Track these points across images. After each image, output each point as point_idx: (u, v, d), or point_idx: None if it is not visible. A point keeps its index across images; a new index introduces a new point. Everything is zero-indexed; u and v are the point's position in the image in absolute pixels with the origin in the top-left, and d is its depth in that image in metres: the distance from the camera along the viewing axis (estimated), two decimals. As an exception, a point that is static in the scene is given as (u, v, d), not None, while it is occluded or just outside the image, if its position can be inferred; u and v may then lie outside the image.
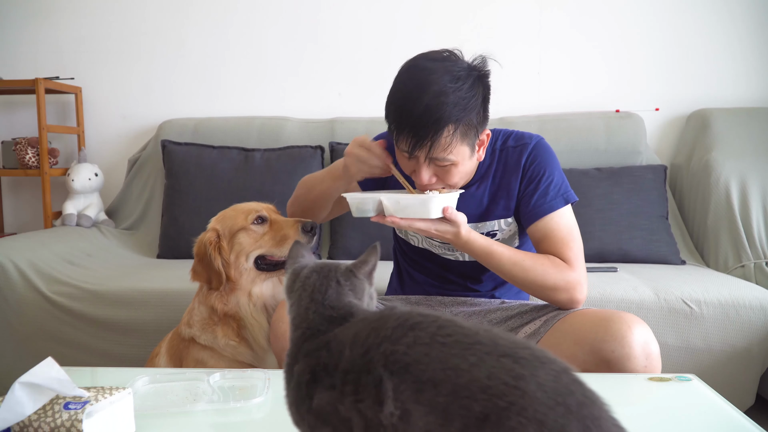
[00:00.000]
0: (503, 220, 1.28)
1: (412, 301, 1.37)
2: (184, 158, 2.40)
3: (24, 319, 1.86)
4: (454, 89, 1.08)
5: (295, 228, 1.28)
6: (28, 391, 0.69)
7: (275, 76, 2.68)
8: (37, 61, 2.72)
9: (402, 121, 1.10)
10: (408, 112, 1.08)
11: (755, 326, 1.67)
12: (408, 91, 1.10)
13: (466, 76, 1.10)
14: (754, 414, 1.63)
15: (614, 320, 1.06)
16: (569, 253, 1.19)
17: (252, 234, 1.29)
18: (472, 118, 1.11)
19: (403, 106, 1.10)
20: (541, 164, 1.25)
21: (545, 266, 1.17)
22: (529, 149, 1.26)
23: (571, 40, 2.58)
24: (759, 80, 2.53)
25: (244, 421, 0.86)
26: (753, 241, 2.14)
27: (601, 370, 1.05)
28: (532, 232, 1.24)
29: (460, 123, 1.09)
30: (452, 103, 1.07)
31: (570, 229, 1.22)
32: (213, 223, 1.33)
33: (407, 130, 1.09)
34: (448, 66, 1.10)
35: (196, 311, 1.31)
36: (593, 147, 2.37)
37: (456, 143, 1.10)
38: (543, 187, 1.23)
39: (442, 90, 1.07)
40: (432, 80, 1.08)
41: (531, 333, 1.20)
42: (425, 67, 1.11)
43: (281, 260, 1.30)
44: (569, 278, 1.17)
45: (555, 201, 1.22)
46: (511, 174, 1.26)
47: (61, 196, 2.62)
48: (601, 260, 2.16)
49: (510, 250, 1.18)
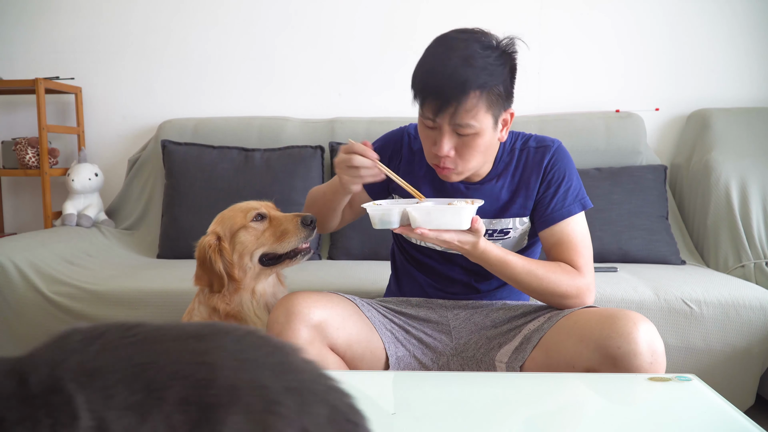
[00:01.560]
0: (518, 218, 1.28)
1: (413, 303, 1.36)
2: (184, 158, 2.40)
3: (24, 319, 1.86)
4: (483, 55, 1.09)
5: (294, 222, 1.28)
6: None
7: (275, 76, 2.68)
8: (37, 61, 2.72)
9: (428, 85, 1.11)
10: (435, 75, 1.09)
11: (755, 326, 1.67)
12: (436, 55, 1.12)
13: (496, 47, 1.13)
14: (754, 414, 1.63)
15: (620, 317, 1.07)
16: (581, 260, 1.21)
17: (252, 231, 1.29)
18: (498, 87, 1.12)
19: (431, 70, 1.11)
20: (562, 168, 1.26)
21: (557, 274, 1.18)
22: (552, 152, 1.27)
23: (571, 40, 2.58)
24: (759, 80, 2.53)
25: (244, 421, 0.86)
26: (753, 241, 2.14)
27: (606, 367, 1.05)
28: (547, 235, 1.25)
29: (486, 89, 1.10)
30: (480, 67, 1.08)
31: (583, 236, 1.25)
32: (212, 226, 1.32)
33: (433, 94, 1.10)
34: (478, 36, 1.13)
35: (197, 312, 1.31)
36: (593, 147, 2.37)
37: (481, 109, 1.10)
38: (562, 191, 1.25)
39: (471, 54, 1.08)
40: (461, 46, 1.10)
41: (534, 329, 1.21)
42: (455, 37, 1.13)
43: (282, 253, 1.30)
44: (580, 284, 1.19)
45: (573, 206, 1.24)
46: (531, 173, 1.27)
47: (61, 196, 2.62)
48: (601, 260, 2.16)
49: (523, 259, 1.19)
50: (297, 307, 1.12)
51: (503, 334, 1.26)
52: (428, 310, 1.34)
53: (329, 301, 1.17)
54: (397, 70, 2.62)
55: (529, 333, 1.21)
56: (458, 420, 0.87)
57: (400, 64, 2.63)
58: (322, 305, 1.14)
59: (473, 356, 1.26)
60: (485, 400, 0.96)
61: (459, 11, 2.59)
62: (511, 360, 1.20)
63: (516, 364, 1.18)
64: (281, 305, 1.14)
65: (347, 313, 1.19)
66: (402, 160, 1.36)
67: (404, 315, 1.33)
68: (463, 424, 0.86)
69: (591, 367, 1.08)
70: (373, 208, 1.10)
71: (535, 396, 0.99)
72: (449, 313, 1.33)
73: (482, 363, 1.25)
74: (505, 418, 0.89)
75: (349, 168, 1.16)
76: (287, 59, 2.67)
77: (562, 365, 1.12)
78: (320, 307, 1.14)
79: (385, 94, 2.61)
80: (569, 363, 1.10)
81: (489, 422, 0.87)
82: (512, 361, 1.19)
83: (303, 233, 1.27)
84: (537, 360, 1.16)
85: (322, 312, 1.13)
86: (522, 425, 0.87)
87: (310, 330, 1.11)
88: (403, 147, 1.36)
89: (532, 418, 0.90)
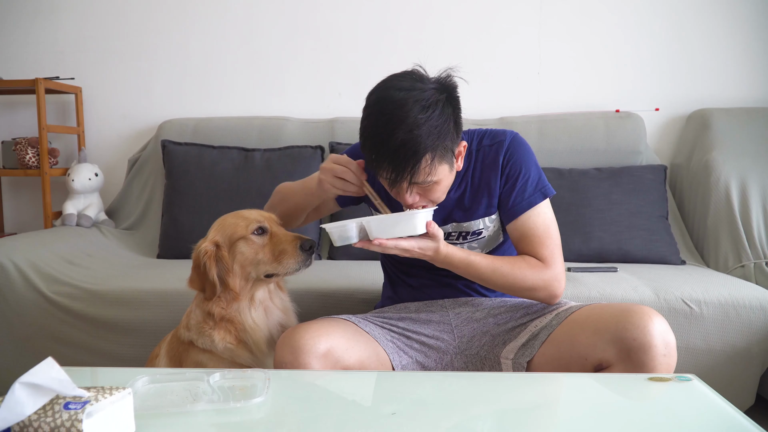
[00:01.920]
0: (487, 218, 1.31)
1: (411, 309, 1.37)
2: (184, 158, 2.40)
3: (24, 319, 1.86)
4: (425, 119, 1.09)
5: (293, 245, 1.26)
6: (28, 391, 0.69)
7: (275, 76, 2.68)
8: (37, 61, 2.72)
9: (380, 156, 1.12)
10: (384, 147, 1.10)
11: (755, 326, 1.67)
12: (381, 126, 1.11)
13: (435, 101, 1.11)
14: (754, 414, 1.63)
15: (635, 311, 1.10)
16: (545, 251, 1.24)
17: (252, 245, 1.27)
18: (447, 143, 1.13)
19: (379, 142, 1.11)
20: (519, 161, 1.28)
21: (522, 269, 1.21)
22: (506, 146, 1.29)
23: (571, 40, 2.58)
24: (759, 80, 2.53)
25: (244, 421, 0.86)
26: (753, 241, 2.14)
27: (620, 358, 1.08)
28: (512, 229, 1.28)
29: (437, 149, 1.11)
30: (425, 134, 1.09)
31: (547, 227, 1.26)
32: (212, 232, 1.30)
33: (386, 163, 1.11)
34: (416, 95, 1.10)
35: (193, 315, 1.30)
36: (593, 147, 2.37)
37: (435, 167, 1.13)
38: (520, 184, 1.26)
39: (415, 123, 1.08)
40: (403, 115, 1.09)
41: (543, 326, 1.23)
42: (394, 100, 1.11)
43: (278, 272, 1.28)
44: (546, 277, 1.22)
45: (534, 197, 1.26)
46: (489, 172, 1.29)
47: (61, 196, 2.62)
48: (601, 260, 2.16)
49: (487, 259, 1.21)
50: (300, 342, 1.12)
51: (508, 331, 1.28)
52: (429, 312, 1.34)
53: (329, 327, 1.18)
54: (397, 70, 2.62)
55: (536, 330, 1.23)
56: (458, 420, 0.87)
57: (401, 64, 2.63)
58: (324, 333, 1.15)
59: (477, 354, 1.27)
60: (485, 400, 0.96)
61: (459, 11, 2.59)
62: (517, 356, 1.22)
63: (523, 360, 1.20)
64: (285, 344, 1.14)
65: (349, 334, 1.20)
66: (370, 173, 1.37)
67: (404, 321, 1.33)
68: (463, 424, 0.86)
69: (605, 359, 1.10)
70: (331, 226, 1.12)
71: (535, 396, 0.99)
72: (450, 312, 1.34)
73: (486, 360, 1.26)
74: (505, 418, 0.89)
75: (336, 178, 1.20)
76: (287, 59, 2.67)
77: (575, 358, 1.14)
78: (323, 335, 1.14)
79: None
80: (582, 355, 1.13)
81: (489, 422, 0.87)
82: (519, 358, 1.21)
83: (300, 257, 1.25)
84: (547, 354, 1.18)
85: (327, 340, 1.14)
86: (521, 425, 0.87)
87: (320, 360, 1.11)
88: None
89: (532, 417, 0.90)
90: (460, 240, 1.32)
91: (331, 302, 1.75)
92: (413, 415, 0.87)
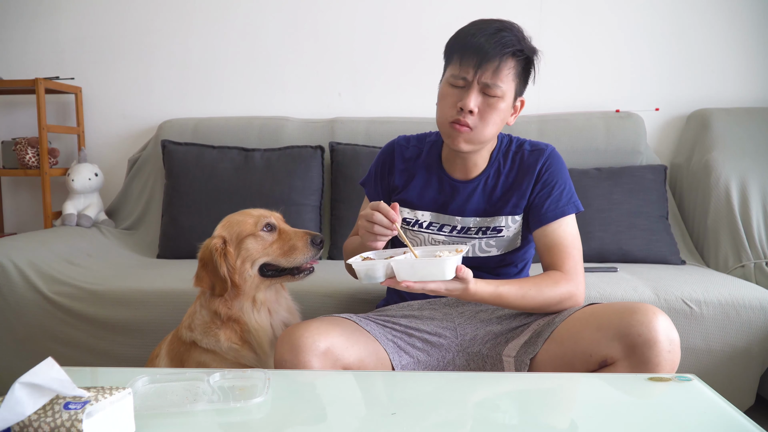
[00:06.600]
0: (510, 217, 1.32)
1: (415, 307, 1.37)
2: (184, 158, 2.40)
3: (24, 319, 1.86)
4: (518, 29, 1.23)
5: (304, 240, 1.28)
6: (28, 391, 0.69)
7: (275, 76, 2.68)
8: (37, 61, 2.72)
9: (470, 43, 1.20)
10: (478, 35, 1.19)
11: (755, 326, 1.67)
12: (476, 23, 1.23)
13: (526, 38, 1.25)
14: (754, 414, 1.63)
15: (639, 308, 1.11)
16: (570, 262, 1.26)
17: (261, 241, 1.28)
18: (528, 64, 1.24)
19: (473, 32, 1.20)
20: (556, 172, 1.32)
21: (549, 287, 1.23)
22: (546, 156, 1.33)
23: (571, 40, 2.58)
24: (759, 80, 2.53)
25: (244, 421, 0.86)
26: (753, 241, 2.14)
27: (625, 354, 1.08)
28: (540, 235, 1.29)
29: (520, 58, 1.22)
30: (517, 36, 1.21)
31: (574, 238, 1.29)
32: (219, 229, 1.31)
33: (475, 51, 1.18)
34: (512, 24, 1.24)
35: (198, 315, 1.30)
36: (593, 147, 2.37)
37: (511, 75, 1.21)
38: (556, 193, 1.30)
39: (509, 25, 1.22)
40: (498, 20, 1.23)
41: (545, 324, 1.24)
42: (489, 18, 1.25)
43: (286, 267, 1.30)
44: (570, 288, 1.25)
45: (567, 207, 1.30)
46: (524, 175, 1.32)
47: (61, 196, 2.62)
48: (601, 260, 2.16)
49: (514, 286, 1.21)
50: (300, 340, 1.12)
51: (510, 330, 1.29)
52: (432, 310, 1.35)
53: (329, 326, 1.18)
54: (397, 70, 2.63)
55: (539, 328, 1.24)
56: (458, 420, 0.87)
57: (401, 64, 2.64)
58: (324, 331, 1.15)
59: (479, 352, 1.28)
60: (484, 399, 0.96)
61: (459, 11, 2.59)
62: (520, 354, 1.22)
63: (526, 357, 1.21)
64: (285, 342, 1.14)
65: (349, 332, 1.20)
66: (396, 173, 1.40)
67: (406, 318, 1.33)
68: (463, 424, 0.86)
69: (609, 356, 1.10)
70: (358, 264, 1.11)
71: (535, 396, 0.99)
72: (453, 311, 1.34)
73: (488, 358, 1.26)
74: (505, 418, 0.89)
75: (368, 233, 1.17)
76: (287, 59, 2.67)
77: (579, 354, 1.14)
78: (323, 333, 1.14)
79: (386, 95, 2.62)
80: (586, 352, 1.13)
81: (488, 421, 0.87)
82: (521, 355, 1.22)
83: (311, 252, 1.27)
84: (550, 352, 1.18)
85: (327, 338, 1.14)
86: (521, 425, 0.87)
87: (319, 358, 1.11)
88: (395, 159, 1.41)
89: (531, 417, 0.90)
90: (480, 235, 1.33)
91: (333, 303, 1.75)
92: (413, 415, 0.87)
